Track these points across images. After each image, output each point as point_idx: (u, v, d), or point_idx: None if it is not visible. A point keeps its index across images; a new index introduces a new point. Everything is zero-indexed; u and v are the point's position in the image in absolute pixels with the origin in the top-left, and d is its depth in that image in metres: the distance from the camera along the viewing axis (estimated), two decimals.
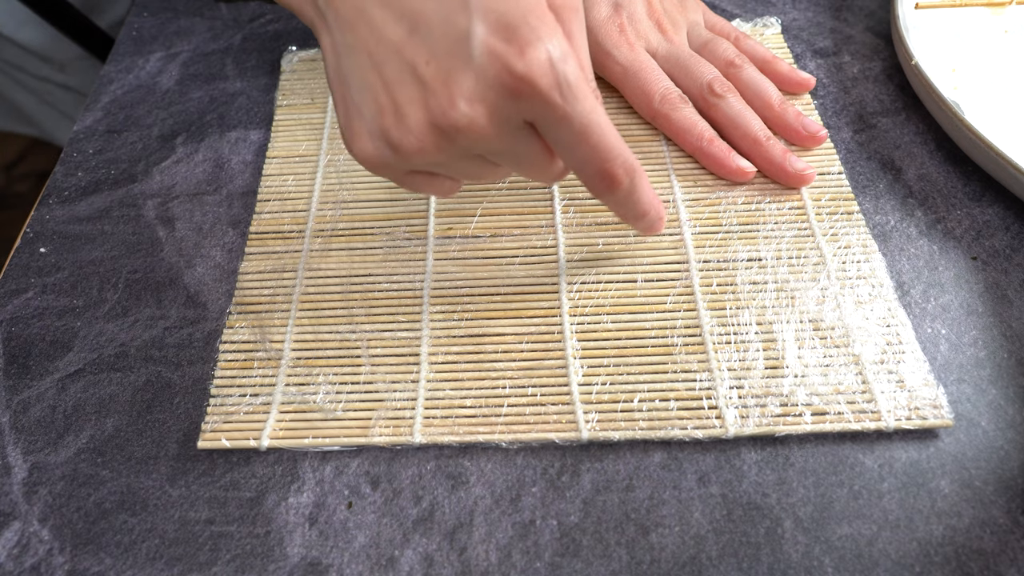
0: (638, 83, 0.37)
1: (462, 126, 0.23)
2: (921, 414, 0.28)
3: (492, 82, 0.22)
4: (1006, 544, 0.25)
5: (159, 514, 0.27)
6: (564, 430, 0.28)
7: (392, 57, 0.23)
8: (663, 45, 0.38)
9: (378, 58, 0.23)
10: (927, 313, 0.31)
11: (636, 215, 0.29)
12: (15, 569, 0.26)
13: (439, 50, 0.22)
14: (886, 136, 0.38)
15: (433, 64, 0.22)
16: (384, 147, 0.24)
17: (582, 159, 0.25)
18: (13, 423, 0.29)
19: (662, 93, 0.37)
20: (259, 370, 0.30)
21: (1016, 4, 0.42)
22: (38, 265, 0.34)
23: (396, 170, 0.25)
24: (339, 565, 0.26)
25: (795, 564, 0.25)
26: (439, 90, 0.22)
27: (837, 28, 0.44)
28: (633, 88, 0.38)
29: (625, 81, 0.38)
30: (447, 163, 0.25)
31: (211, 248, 0.35)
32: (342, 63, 0.25)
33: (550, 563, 0.25)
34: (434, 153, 0.24)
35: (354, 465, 0.28)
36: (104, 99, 0.42)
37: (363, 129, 0.24)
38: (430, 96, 0.23)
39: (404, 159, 0.24)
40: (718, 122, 0.36)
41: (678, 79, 0.37)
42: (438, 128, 0.23)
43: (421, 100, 0.23)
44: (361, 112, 0.24)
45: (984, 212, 0.34)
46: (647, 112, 0.37)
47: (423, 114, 0.23)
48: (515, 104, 0.23)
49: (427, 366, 0.30)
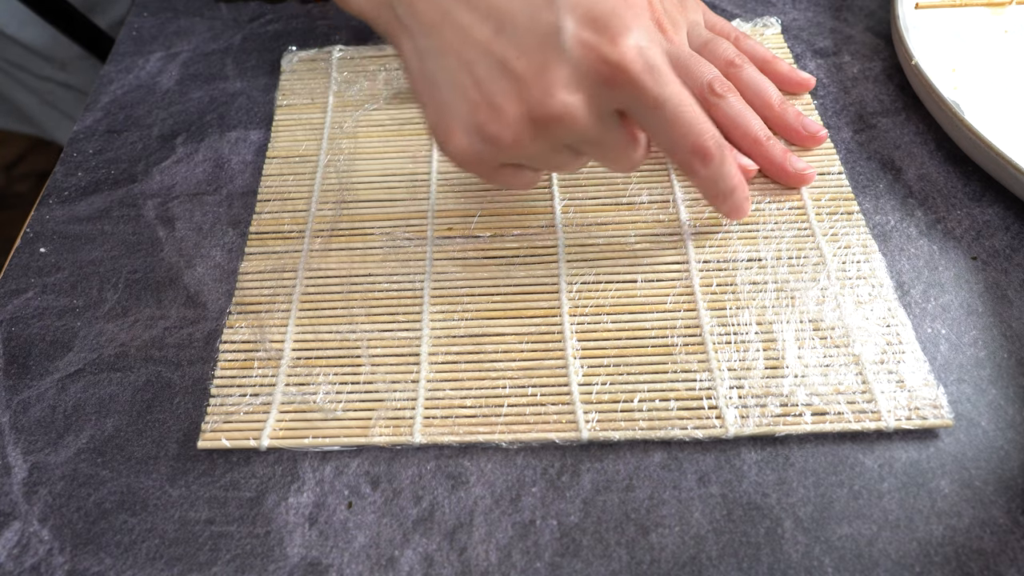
0: None
1: (559, 115, 0.24)
2: (921, 414, 0.28)
3: (587, 71, 0.23)
4: (1006, 544, 0.25)
5: (159, 514, 0.27)
6: (564, 430, 0.28)
7: (481, 56, 0.24)
8: (663, 45, 0.38)
9: (467, 57, 0.24)
10: (927, 313, 0.31)
11: (727, 191, 0.29)
12: (15, 569, 0.26)
13: (528, 46, 0.23)
14: (886, 136, 0.38)
15: (524, 59, 0.24)
16: (479, 142, 0.25)
17: (676, 138, 0.26)
18: (13, 423, 0.29)
19: None
20: (259, 370, 0.30)
21: (1016, 4, 0.42)
22: (38, 265, 0.34)
23: (488, 165, 0.26)
24: (339, 565, 0.26)
25: (795, 564, 0.25)
26: (533, 83, 0.23)
27: (837, 28, 0.44)
28: None
29: None
30: (537, 155, 0.26)
31: (211, 248, 0.35)
32: (428, 66, 0.26)
33: (550, 563, 0.25)
34: (529, 145, 0.25)
35: (354, 465, 0.28)
36: (104, 99, 0.42)
37: (457, 126, 0.25)
38: (524, 89, 0.24)
39: (499, 152, 0.25)
40: (718, 122, 0.36)
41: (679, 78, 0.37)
42: (535, 119, 0.24)
43: (516, 93, 0.24)
44: (453, 110, 0.25)
45: (984, 212, 0.34)
46: None
47: (519, 107, 0.24)
48: (609, 92, 0.24)
49: (427, 366, 0.30)
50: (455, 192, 0.36)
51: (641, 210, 0.35)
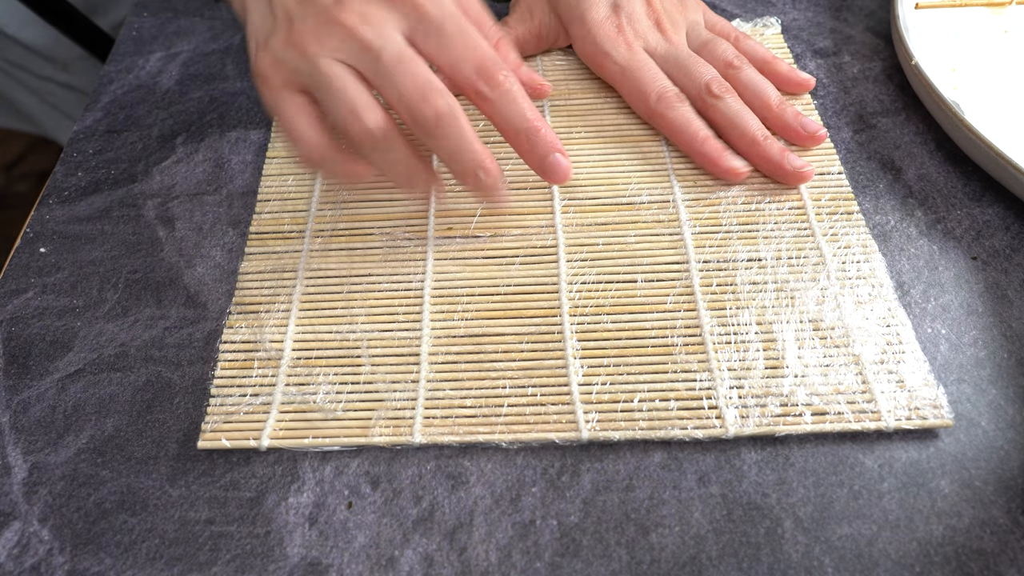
0: (635, 83, 0.37)
1: (351, 21, 0.27)
2: (921, 414, 0.28)
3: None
4: (1006, 544, 0.25)
5: (159, 514, 0.27)
6: (564, 430, 0.28)
7: None
8: (661, 45, 0.38)
9: None
10: (927, 313, 0.31)
11: (519, 127, 0.30)
12: (15, 569, 0.26)
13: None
14: (886, 136, 0.38)
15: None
16: (282, 49, 0.28)
17: (457, 60, 0.28)
18: (13, 423, 0.29)
19: (658, 92, 0.36)
20: (259, 370, 0.30)
21: (1016, 4, 0.42)
22: (38, 265, 0.34)
23: (288, 77, 0.29)
24: (339, 565, 0.26)
25: (795, 564, 0.25)
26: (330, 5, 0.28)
27: (837, 28, 0.44)
28: (630, 88, 0.38)
29: (623, 80, 0.38)
30: (328, 68, 0.28)
31: (211, 248, 0.35)
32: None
33: (550, 563, 0.25)
34: (323, 43, 0.28)
35: (354, 465, 0.28)
36: (104, 99, 0.42)
37: (269, 41, 0.29)
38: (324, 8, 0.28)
39: (299, 58, 0.28)
40: (716, 122, 0.36)
41: (676, 79, 0.37)
42: (329, 25, 0.28)
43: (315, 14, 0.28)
44: (269, 29, 0.29)
45: (984, 212, 0.34)
46: (644, 111, 0.37)
47: (315, 20, 0.28)
48: (398, 12, 0.28)
49: (427, 366, 0.30)
50: (455, 192, 0.36)
51: (641, 210, 0.35)
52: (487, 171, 0.29)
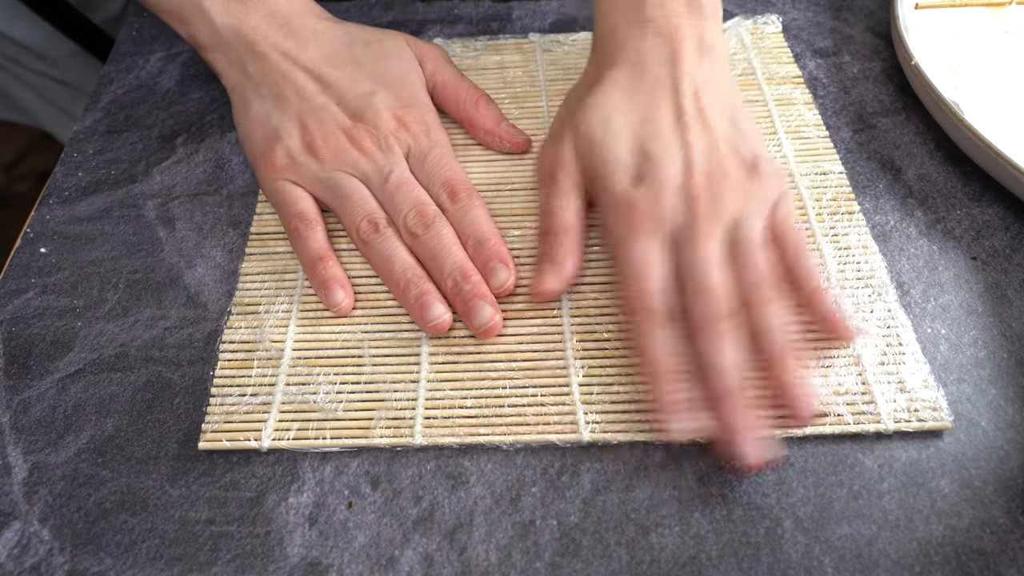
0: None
1: (363, 131, 0.34)
2: (920, 416, 0.28)
3: (386, 119, 0.34)
4: (1006, 544, 0.25)
5: (159, 514, 0.27)
6: (565, 431, 0.28)
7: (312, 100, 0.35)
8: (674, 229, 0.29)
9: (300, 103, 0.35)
10: (927, 313, 0.31)
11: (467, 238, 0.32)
12: (15, 569, 0.26)
13: (348, 100, 0.35)
14: (886, 136, 0.38)
15: (342, 105, 0.35)
16: (302, 153, 0.34)
17: (434, 177, 0.33)
18: (13, 423, 0.29)
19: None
20: (259, 370, 0.30)
21: (1016, 4, 0.42)
22: (38, 265, 0.34)
23: (299, 177, 0.34)
24: (339, 565, 0.26)
25: (795, 564, 0.25)
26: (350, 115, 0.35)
27: (837, 28, 0.44)
28: None
29: None
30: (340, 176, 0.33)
31: (211, 248, 0.35)
32: (265, 105, 0.35)
33: (550, 563, 0.25)
34: (339, 157, 0.33)
35: (354, 465, 0.28)
36: (104, 99, 0.42)
37: (280, 148, 0.34)
38: (343, 115, 0.35)
39: (316, 162, 0.34)
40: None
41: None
42: (348, 131, 0.34)
43: (336, 123, 0.34)
44: (283, 134, 0.34)
45: (984, 212, 0.34)
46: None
47: (339, 127, 0.34)
48: (403, 133, 0.34)
49: (427, 366, 0.30)
50: None
51: None
52: (466, 278, 0.30)
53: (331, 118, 0.34)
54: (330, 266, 0.32)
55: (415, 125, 0.34)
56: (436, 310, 0.30)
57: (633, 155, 0.30)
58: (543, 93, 0.40)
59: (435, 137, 0.35)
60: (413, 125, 0.34)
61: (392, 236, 0.32)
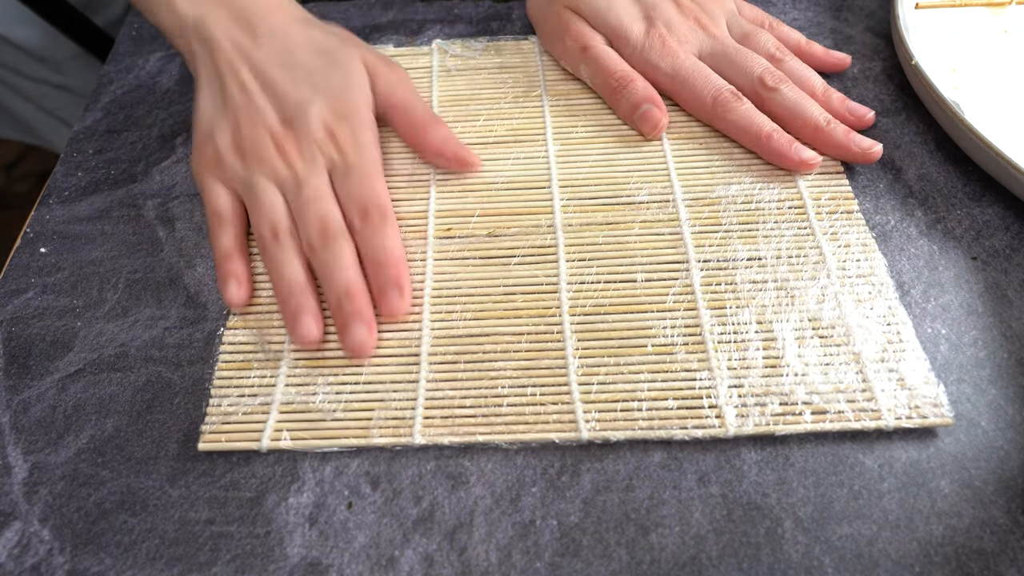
0: (688, 89, 0.37)
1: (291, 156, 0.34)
2: (921, 412, 0.28)
3: (317, 130, 0.34)
4: (1006, 544, 0.25)
5: (159, 514, 0.27)
6: (564, 430, 0.28)
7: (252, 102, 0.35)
8: (706, 43, 0.39)
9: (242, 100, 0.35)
10: (927, 313, 0.31)
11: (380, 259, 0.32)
12: (15, 569, 0.26)
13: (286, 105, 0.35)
14: (886, 136, 0.38)
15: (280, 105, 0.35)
16: (231, 152, 0.34)
17: (353, 194, 0.33)
18: (13, 423, 0.29)
19: (713, 95, 0.36)
20: (259, 370, 0.30)
21: (1016, 4, 0.42)
22: (38, 265, 0.34)
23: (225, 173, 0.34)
24: (339, 565, 0.26)
25: (795, 564, 0.25)
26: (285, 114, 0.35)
27: (837, 28, 0.44)
28: (686, 95, 0.37)
29: (675, 88, 0.38)
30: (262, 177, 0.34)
31: (211, 248, 0.35)
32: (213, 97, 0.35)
33: (550, 563, 0.25)
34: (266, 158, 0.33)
35: (354, 465, 0.28)
36: (104, 99, 0.42)
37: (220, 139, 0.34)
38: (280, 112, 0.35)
39: (241, 161, 0.34)
40: (775, 114, 0.36)
41: (727, 75, 0.37)
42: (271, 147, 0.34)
43: (268, 125, 0.34)
44: (222, 128, 0.34)
45: (984, 212, 0.34)
46: (702, 115, 0.37)
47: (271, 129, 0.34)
48: (328, 147, 0.34)
49: (427, 366, 0.30)
50: (455, 192, 0.36)
51: (641, 209, 0.35)
52: (349, 297, 0.30)
53: (263, 121, 0.34)
54: (233, 262, 0.32)
55: (345, 139, 0.34)
56: (305, 325, 0.30)
57: (634, 4, 0.40)
58: (543, 93, 0.40)
59: (364, 154, 0.34)
60: (343, 138, 0.34)
61: (289, 247, 0.32)
